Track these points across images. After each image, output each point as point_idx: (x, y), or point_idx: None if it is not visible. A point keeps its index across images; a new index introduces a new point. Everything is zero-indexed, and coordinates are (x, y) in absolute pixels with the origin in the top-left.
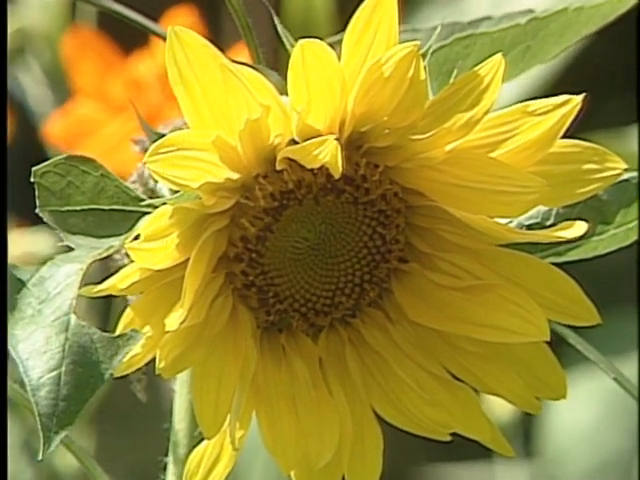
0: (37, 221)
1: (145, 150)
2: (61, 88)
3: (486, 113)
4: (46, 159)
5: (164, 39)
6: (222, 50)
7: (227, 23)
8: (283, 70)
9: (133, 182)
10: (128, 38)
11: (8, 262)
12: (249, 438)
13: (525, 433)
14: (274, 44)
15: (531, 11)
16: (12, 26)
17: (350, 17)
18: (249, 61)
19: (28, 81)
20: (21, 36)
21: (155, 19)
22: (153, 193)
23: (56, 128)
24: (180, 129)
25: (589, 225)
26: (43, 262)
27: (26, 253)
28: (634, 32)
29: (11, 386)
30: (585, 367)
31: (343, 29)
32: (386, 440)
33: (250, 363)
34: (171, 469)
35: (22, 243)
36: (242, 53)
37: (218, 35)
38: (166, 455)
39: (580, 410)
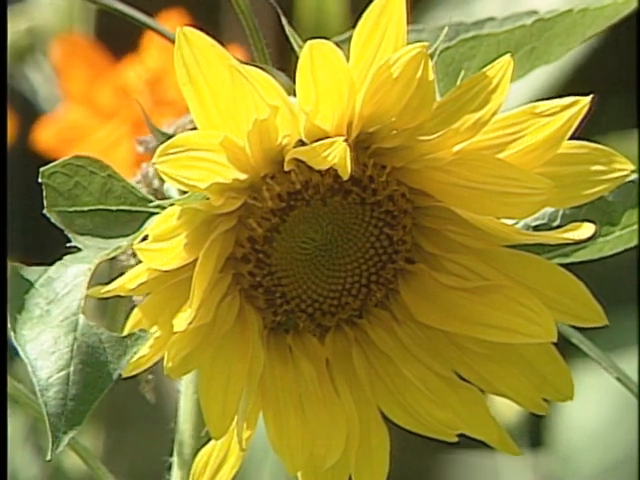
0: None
1: (149, 150)
2: (57, 79)
3: (494, 114)
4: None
5: (164, 36)
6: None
7: (226, 23)
8: (291, 71)
9: (138, 182)
10: (118, 44)
11: (12, 263)
12: (258, 438)
13: (535, 430)
14: (281, 45)
15: (536, 12)
16: (23, 24)
17: (358, 17)
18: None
19: (38, 79)
20: (32, 35)
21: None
22: (158, 193)
23: (45, 134)
24: (185, 127)
25: (596, 226)
26: (51, 263)
27: None
28: (634, 35)
29: (15, 387)
30: (596, 366)
31: (354, 29)
32: (391, 431)
33: (257, 364)
34: (176, 469)
35: None
36: (240, 52)
37: (217, 35)
38: (171, 455)
39: (590, 408)
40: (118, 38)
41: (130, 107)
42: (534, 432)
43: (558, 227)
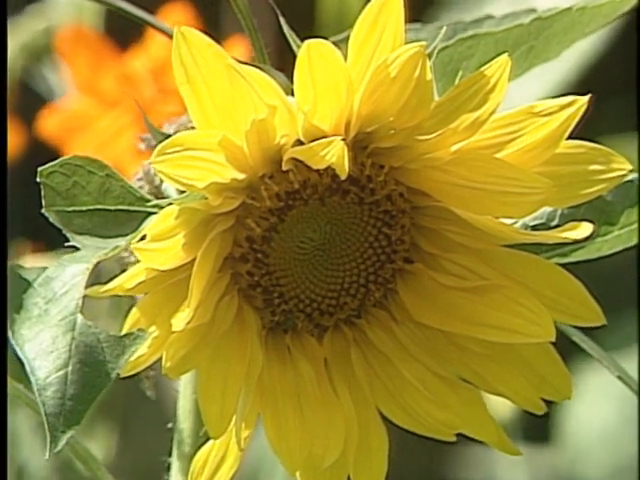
0: None
1: (151, 148)
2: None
3: (492, 114)
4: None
5: (164, 33)
6: (221, 47)
7: (224, 18)
8: (290, 70)
9: (139, 180)
10: (122, 33)
11: (12, 262)
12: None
13: (531, 424)
14: (279, 44)
15: (534, 10)
16: (40, 25)
17: (356, 16)
18: (247, 57)
19: (55, 79)
20: (49, 35)
21: (151, 14)
22: (159, 191)
23: (50, 123)
24: (186, 126)
25: (594, 226)
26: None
27: None
28: (635, 37)
29: (15, 387)
30: (601, 366)
31: None
32: (389, 430)
33: (256, 364)
34: (175, 469)
35: None
36: (239, 46)
37: (216, 32)
38: (169, 455)
39: (597, 409)
40: (125, 28)
41: (134, 96)
42: (530, 426)
43: (556, 227)
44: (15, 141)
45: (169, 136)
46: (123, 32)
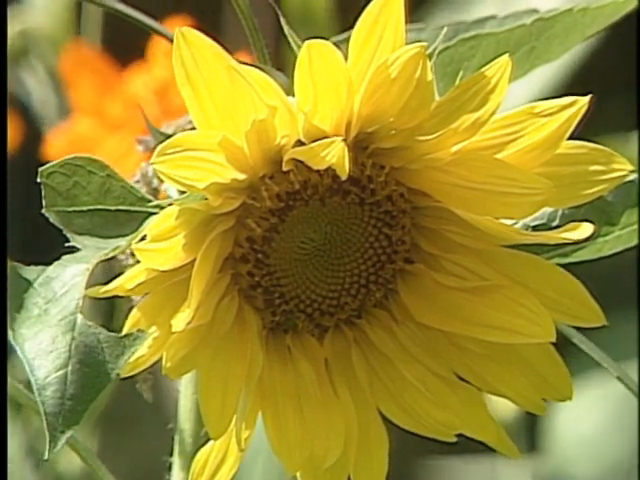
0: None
1: (148, 150)
2: (65, 90)
3: (493, 114)
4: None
5: (167, 39)
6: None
7: (227, 28)
8: (289, 71)
9: (137, 182)
10: (125, 52)
11: (11, 262)
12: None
13: (531, 434)
14: (279, 45)
15: (536, 11)
16: (17, 27)
17: (356, 17)
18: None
19: (32, 83)
20: (26, 37)
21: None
22: (157, 192)
23: (55, 146)
24: (184, 128)
25: (595, 226)
26: (50, 262)
27: None
28: (634, 35)
29: (15, 386)
30: (589, 373)
31: (342, 27)
32: (389, 434)
33: (256, 364)
34: (176, 469)
35: None
36: (244, 59)
37: (218, 37)
38: (170, 455)
39: (584, 415)
40: (124, 45)
41: (138, 117)
42: (530, 435)
43: (557, 227)
44: None
45: (169, 136)
46: (120, 42)
